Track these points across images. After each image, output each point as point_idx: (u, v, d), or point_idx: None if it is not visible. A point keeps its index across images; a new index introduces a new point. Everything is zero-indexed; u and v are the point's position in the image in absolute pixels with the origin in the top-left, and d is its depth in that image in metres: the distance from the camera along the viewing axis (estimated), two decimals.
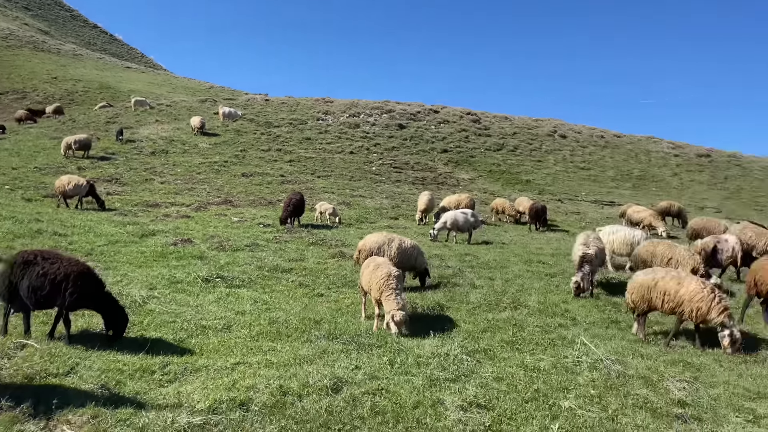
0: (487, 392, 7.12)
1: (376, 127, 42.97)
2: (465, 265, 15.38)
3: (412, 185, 32.03)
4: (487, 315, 10.89)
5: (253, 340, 8.94)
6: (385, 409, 6.49)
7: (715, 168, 48.95)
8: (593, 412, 6.72)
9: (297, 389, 6.83)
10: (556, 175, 41.57)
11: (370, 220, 23.18)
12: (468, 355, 8.45)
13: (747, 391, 7.60)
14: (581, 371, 7.99)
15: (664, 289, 9.54)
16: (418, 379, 7.38)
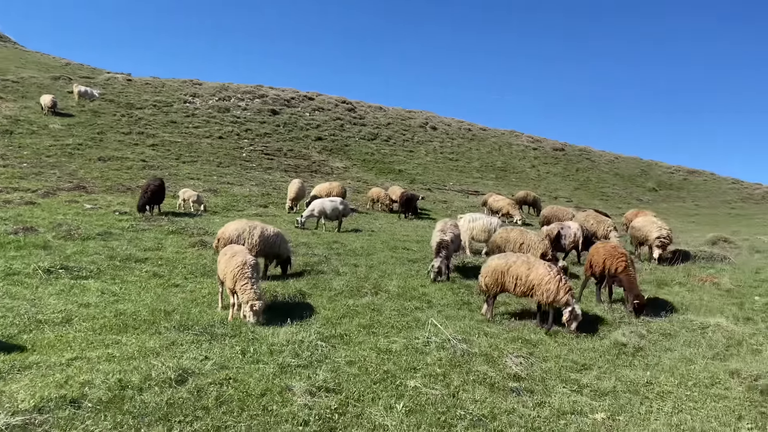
0: (338, 376, 7.22)
1: (248, 112, 41.88)
2: (332, 253, 15.46)
3: (284, 173, 31.62)
4: (347, 301, 11.03)
5: (95, 333, 8.40)
6: (231, 398, 6.38)
7: (568, 161, 53.03)
8: (436, 390, 7.04)
9: (138, 383, 6.52)
10: (427, 165, 42.94)
11: (237, 208, 22.58)
12: (323, 340, 8.51)
13: (575, 364, 8.34)
14: (430, 351, 8.33)
15: (516, 273, 10.14)
16: (269, 367, 7.32)
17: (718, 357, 8.97)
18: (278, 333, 8.62)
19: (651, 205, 40.46)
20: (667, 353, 9.03)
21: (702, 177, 57.06)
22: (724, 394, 7.58)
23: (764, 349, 9.31)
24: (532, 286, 9.96)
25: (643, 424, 6.59)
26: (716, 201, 47.15)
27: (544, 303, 9.92)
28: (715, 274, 14.72)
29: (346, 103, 50.80)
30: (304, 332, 8.69)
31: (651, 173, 55.13)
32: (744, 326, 10.53)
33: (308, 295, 11.28)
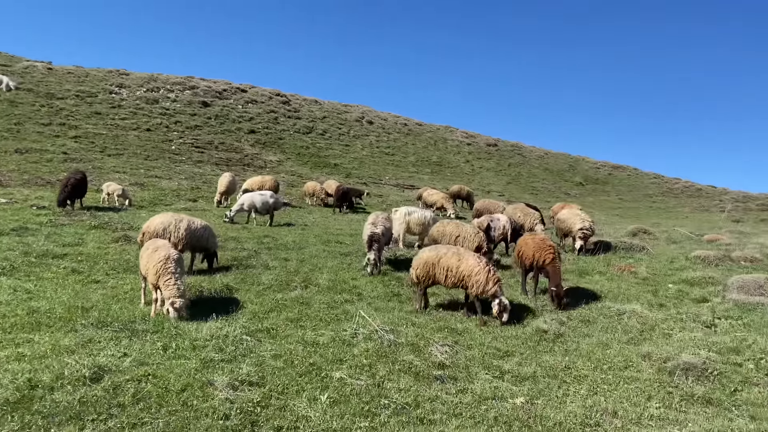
0: (262, 369, 7.14)
1: (178, 103, 40.69)
2: (262, 247, 15.26)
3: (215, 166, 30.93)
4: (276, 295, 10.91)
5: (5, 332, 7.97)
6: (150, 395, 6.19)
7: (500, 156, 54.34)
8: (362, 380, 7.07)
9: (49, 382, 6.23)
10: (363, 159, 43.01)
11: (165, 202, 21.93)
12: (249, 335, 8.40)
13: (498, 351, 8.56)
14: (357, 343, 8.36)
15: (447, 265, 10.26)
16: (192, 362, 7.16)
17: (632, 341, 9.42)
18: (202, 328, 8.43)
19: (578, 198, 42.01)
20: (586, 339, 9.40)
21: (626, 172, 59.71)
22: (636, 376, 7.96)
23: (674, 333, 9.84)
24: (463, 278, 10.10)
25: (560, 406, 6.84)
26: (639, 195, 49.46)
27: (473, 294, 10.08)
28: (633, 263, 15.44)
29: (280, 96, 50.17)
30: (229, 327, 8.54)
31: (578, 168, 57.24)
32: (657, 312, 11.09)
33: (235, 290, 11.08)
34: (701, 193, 52.52)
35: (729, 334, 9.74)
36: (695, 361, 8.22)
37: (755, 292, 11.99)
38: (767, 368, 8.26)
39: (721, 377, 7.93)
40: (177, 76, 46.89)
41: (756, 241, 20.24)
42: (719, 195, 51.34)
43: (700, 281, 13.44)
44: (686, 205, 45.47)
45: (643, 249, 17.91)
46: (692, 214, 39.23)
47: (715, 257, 15.92)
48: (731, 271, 14.42)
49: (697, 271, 14.26)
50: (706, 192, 53.35)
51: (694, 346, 9.09)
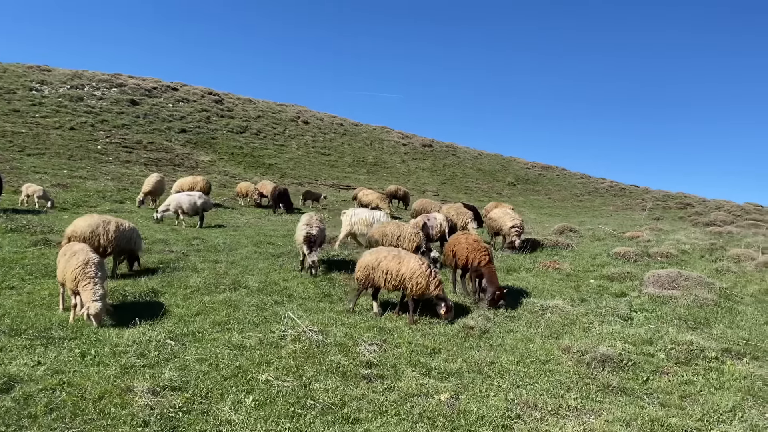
0: (185, 374, 7.00)
1: (104, 101, 39.16)
2: (191, 249, 14.92)
3: (144, 166, 29.97)
4: (204, 298, 10.70)
5: None
6: (64, 404, 5.96)
7: (435, 157, 55.11)
8: (288, 382, 7.04)
9: None
10: (298, 159, 42.67)
11: (90, 203, 21.09)
12: (174, 339, 8.21)
13: (425, 348, 8.71)
14: (286, 344, 8.31)
15: (387, 268, 10.23)
16: (111, 369, 6.94)
17: (554, 335, 9.79)
18: (124, 333, 8.18)
19: (510, 198, 43.15)
20: (510, 334, 9.70)
21: (555, 172, 61.76)
22: (557, 369, 8.28)
23: (594, 327, 10.29)
24: (403, 280, 10.11)
25: (483, 401, 7.03)
26: (567, 194, 51.26)
27: (411, 295, 10.11)
28: (558, 260, 16.03)
29: (213, 95, 49.10)
30: (152, 331, 8.32)
31: (510, 169, 58.78)
32: (579, 307, 11.57)
33: (161, 294, 10.79)
34: (625, 192, 54.95)
35: (644, 326, 10.27)
36: (612, 352, 8.63)
37: (669, 285, 12.69)
38: (677, 357, 8.76)
39: (635, 367, 8.36)
40: (103, 73, 45.12)
41: (672, 238, 21.41)
42: (641, 194, 53.88)
43: (620, 276, 14.10)
44: (611, 203, 47.50)
45: (568, 246, 18.63)
46: (616, 213, 41.04)
47: (634, 253, 16.74)
48: (648, 267, 15.21)
49: (617, 267, 14.95)
50: (629, 191, 55.87)
51: (612, 339, 9.54)
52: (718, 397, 7.36)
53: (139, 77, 47.19)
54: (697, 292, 12.15)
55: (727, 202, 48.28)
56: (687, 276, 12.94)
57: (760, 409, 7.06)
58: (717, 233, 24.55)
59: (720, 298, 12.12)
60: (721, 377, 8.03)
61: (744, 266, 15.50)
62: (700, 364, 8.54)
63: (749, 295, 12.53)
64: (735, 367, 8.37)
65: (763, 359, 8.77)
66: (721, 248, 18.63)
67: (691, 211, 40.65)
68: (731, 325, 10.43)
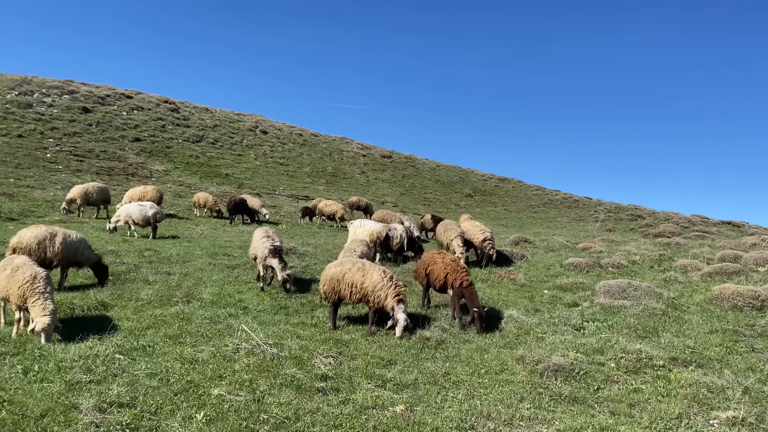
0: (134, 390, 6.80)
1: (55, 108, 38.02)
2: (143, 261, 14.57)
3: (96, 175, 29.16)
4: (155, 311, 10.44)
5: None
6: (4, 423, 5.71)
7: (395, 168, 55.38)
8: (241, 396, 6.92)
9: None
10: (256, 169, 42.24)
11: (38, 213, 20.42)
12: (123, 353, 7.98)
13: (381, 360, 8.69)
14: (239, 358, 8.18)
15: (351, 281, 10.14)
16: (55, 385, 6.69)
17: (509, 345, 9.90)
18: (70, 348, 7.91)
19: (467, 209, 43.64)
20: (466, 345, 9.77)
21: (511, 184, 62.80)
22: (511, 378, 8.37)
23: (547, 337, 10.46)
24: (366, 293, 10.04)
25: (438, 412, 7.05)
26: (522, 206, 52.16)
27: (375, 307, 10.03)
28: (513, 271, 16.26)
29: (168, 103, 48.25)
30: (100, 346, 8.07)
31: (468, 180, 59.51)
32: (533, 317, 11.74)
33: (111, 307, 10.50)
34: (578, 204, 56.26)
35: (595, 335, 10.49)
36: (564, 362, 8.78)
37: (619, 295, 13.01)
38: (626, 366, 8.97)
39: (587, 376, 8.52)
40: (54, 80, 43.84)
41: (623, 249, 21.99)
42: (594, 206, 55.25)
43: (572, 287, 14.39)
44: (565, 215, 48.55)
45: (523, 257, 18.92)
46: (570, 224, 41.95)
47: (587, 264, 17.12)
48: (600, 277, 15.56)
49: (569, 278, 15.25)
50: (583, 203, 57.23)
51: (564, 348, 9.70)
52: (665, 405, 7.55)
53: (92, 84, 46.03)
54: (646, 301, 12.49)
55: (675, 214, 49.94)
56: (636, 286, 13.30)
57: (705, 416, 7.28)
58: (666, 244, 25.34)
59: (668, 307, 12.49)
60: (668, 385, 8.25)
61: (690, 276, 16.02)
62: (649, 372, 8.76)
63: (695, 304, 12.93)
64: (681, 374, 8.61)
65: (708, 367, 9.06)
66: (669, 259, 19.23)
67: (642, 223, 41.88)
68: (678, 334, 10.75)
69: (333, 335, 9.69)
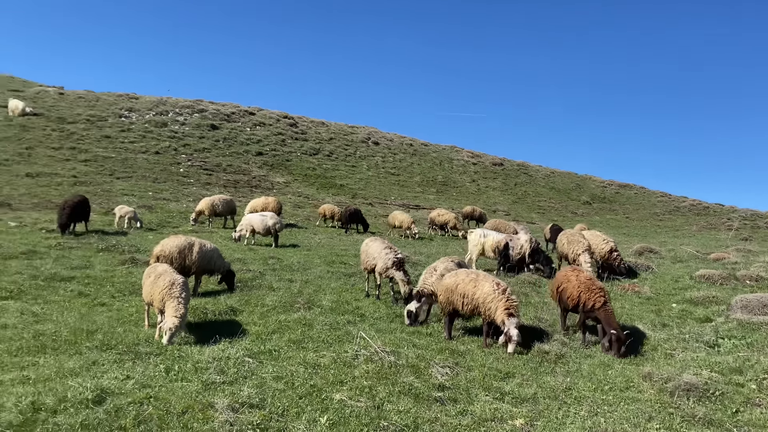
0: (263, 391, 7.20)
1: (186, 126, 41.18)
2: (267, 268, 15.38)
3: (223, 188, 31.21)
4: (279, 316, 10.99)
5: (11, 355, 8.08)
6: (151, 417, 6.27)
7: (506, 175, 54.40)
8: (362, 402, 7.12)
9: (52, 404, 6.33)
10: (369, 179, 43.23)
11: (173, 224, 22.17)
12: (251, 356, 8.47)
13: (499, 372, 8.58)
14: (358, 364, 8.41)
15: (463, 291, 10.09)
16: (193, 385, 7.24)
17: (634, 362, 9.41)
18: (205, 351, 8.53)
19: (585, 217, 41.96)
20: (587, 360, 9.40)
21: (633, 190, 59.58)
22: (637, 396, 7.95)
23: (677, 353, 9.82)
24: (477, 305, 9.92)
25: (559, 428, 6.85)
26: (646, 213, 49.29)
27: (487, 320, 9.89)
28: (637, 283, 15.41)
29: (288, 118, 50.66)
30: (231, 349, 8.62)
31: (585, 187, 57.18)
32: (660, 332, 11.07)
33: (239, 312, 11.18)
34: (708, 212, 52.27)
35: (732, 354, 9.71)
36: (697, 381, 8.21)
37: (759, 311, 11.94)
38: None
39: (723, 398, 7.91)
40: (186, 100, 47.52)
41: (762, 260, 20.14)
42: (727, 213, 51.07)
43: (704, 301, 13.40)
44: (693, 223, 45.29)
45: (648, 268, 17.89)
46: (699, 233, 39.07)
47: (720, 276, 15.87)
48: (735, 291, 14.38)
49: (701, 291, 14.22)
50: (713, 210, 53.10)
51: (697, 366, 9.06)
52: None
53: (219, 103, 49.40)
54: None
55: None
56: None
57: None
58: None
59: None
60: None
61: None
62: None
63: None
64: None
65: None
66: None
67: None
68: None
69: (449, 345, 9.71)
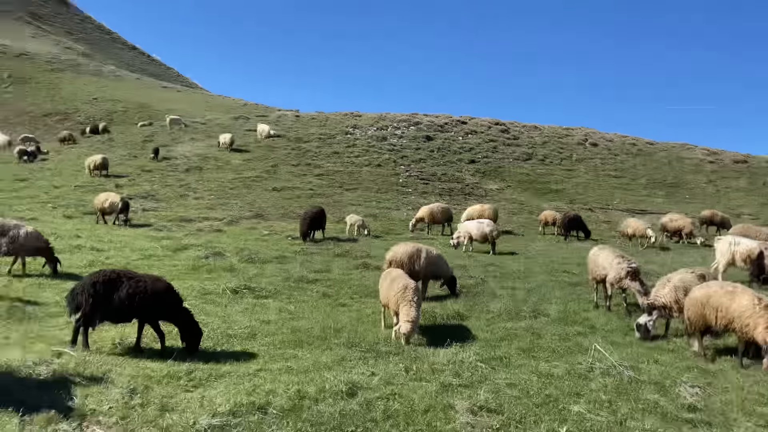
0: (498, 397, 7.30)
1: (404, 139, 43.32)
2: (488, 275, 15.54)
3: (439, 196, 32.23)
4: (505, 324, 11.05)
5: (275, 348, 9.30)
6: (397, 413, 6.74)
7: (752, 174, 47.79)
8: (602, 417, 6.84)
9: (314, 394, 7.14)
10: (587, 183, 41.20)
11: (396, 231, 23.51)
12: (483, 362, 8.64)
13: (761, 396, 7.60)
14: (594, 377, 8.10)
15: (717, 304, 9.02)
16: (432, 385, 7.61)
17: None
18: (439, 353, 8.92)
19: None
20: None
21: None
22: None
23: None
24: (732, 319, 8.76)
25: None
26: None
27: (742, 337, 8.75)
28: None
29: (499, 125, 50.56)
30: (463, 353, 8.89)
31: None
32: None
33: (466, 317, 11.47)
34: None
35: None
36: None
37: None
38: None
39: None
40: (402, 114, 50.03)
41: None
42: None
43: None
44: None
45: None
46: None
47: None
48: None
49: None
50: None
51: None
52: None
53: (432, 114, 51.15)
54: None
55: None
56: None
57: None
58: None
59: None
60: None
61: None
62: None
63: None
64: None
65: None
66: None
67: None
68: None
69: (697, 363, 8.86)
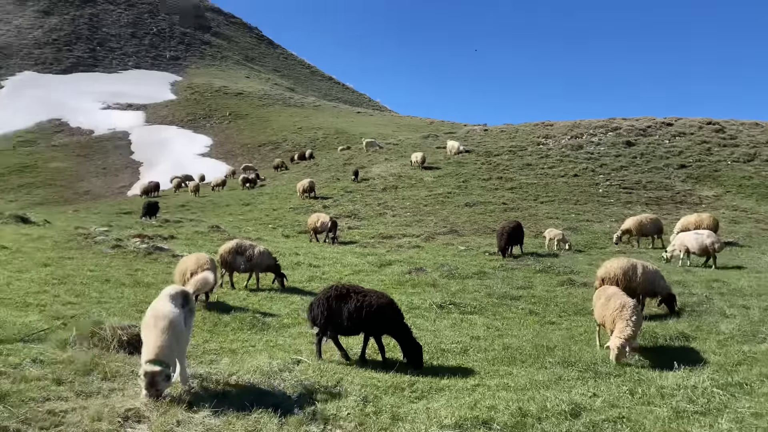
0: (743, 427, 6.60)
1: (601, 146, 41.10)
2: (713, 292, 14.10)
3: (645, 206, 30.01)
4: (741, 347, 9.92)
5: (489, 364, 9.40)
6: None
7: None
8: None
9: (535, 412, 7.08)
10: None
11: (599, 245, 22.39)
12: (719, 388, 7.86)
13: None
14: None
15: None
16: (663, 410, 7.11)
17: None
18: (667, 376, 8.32)
19: None
20: None
21: None
22: None
23: None
24: None
25: None
26: None
27: None
28: None
29: (712, 124, 45.64)
30: (696, 377, 8.17)
31: None
32: None
33: (691, 338, 10.53)
34: None
35: None
36: None
37: None
38: None
39: None
40: (598, 120, 47.56)
41: None
42: None
43: None
44: None
45: None
46: None
47: None
48: None
49: None
50: None
51: None
52: None
53: (632, 118, 47.88)
54: None
55: None
56: None
57: None
58: None
59: None
60: None
61: None
62: None
63: None
64: None
65: None
66: None
67: None
68: None
69: None
